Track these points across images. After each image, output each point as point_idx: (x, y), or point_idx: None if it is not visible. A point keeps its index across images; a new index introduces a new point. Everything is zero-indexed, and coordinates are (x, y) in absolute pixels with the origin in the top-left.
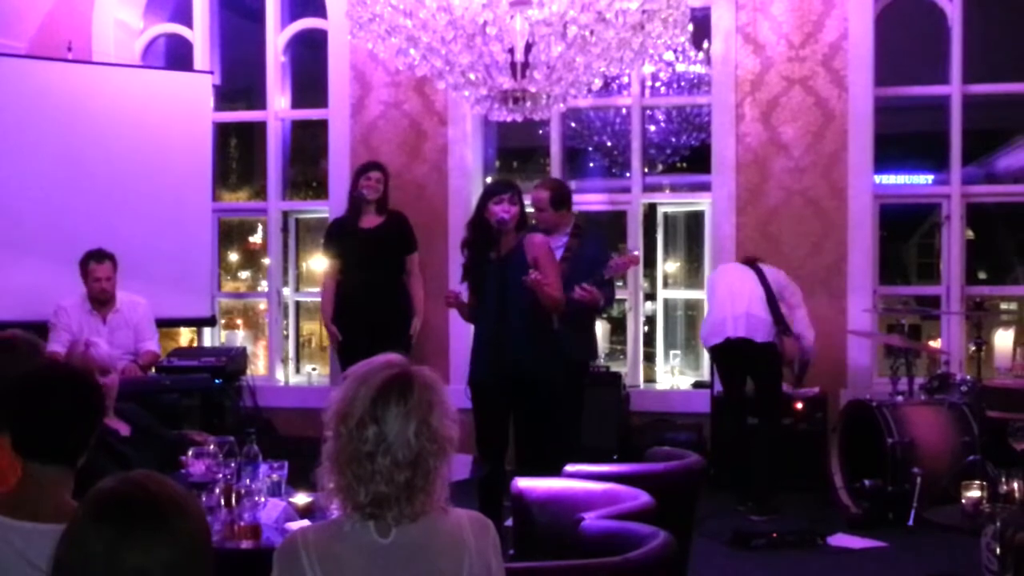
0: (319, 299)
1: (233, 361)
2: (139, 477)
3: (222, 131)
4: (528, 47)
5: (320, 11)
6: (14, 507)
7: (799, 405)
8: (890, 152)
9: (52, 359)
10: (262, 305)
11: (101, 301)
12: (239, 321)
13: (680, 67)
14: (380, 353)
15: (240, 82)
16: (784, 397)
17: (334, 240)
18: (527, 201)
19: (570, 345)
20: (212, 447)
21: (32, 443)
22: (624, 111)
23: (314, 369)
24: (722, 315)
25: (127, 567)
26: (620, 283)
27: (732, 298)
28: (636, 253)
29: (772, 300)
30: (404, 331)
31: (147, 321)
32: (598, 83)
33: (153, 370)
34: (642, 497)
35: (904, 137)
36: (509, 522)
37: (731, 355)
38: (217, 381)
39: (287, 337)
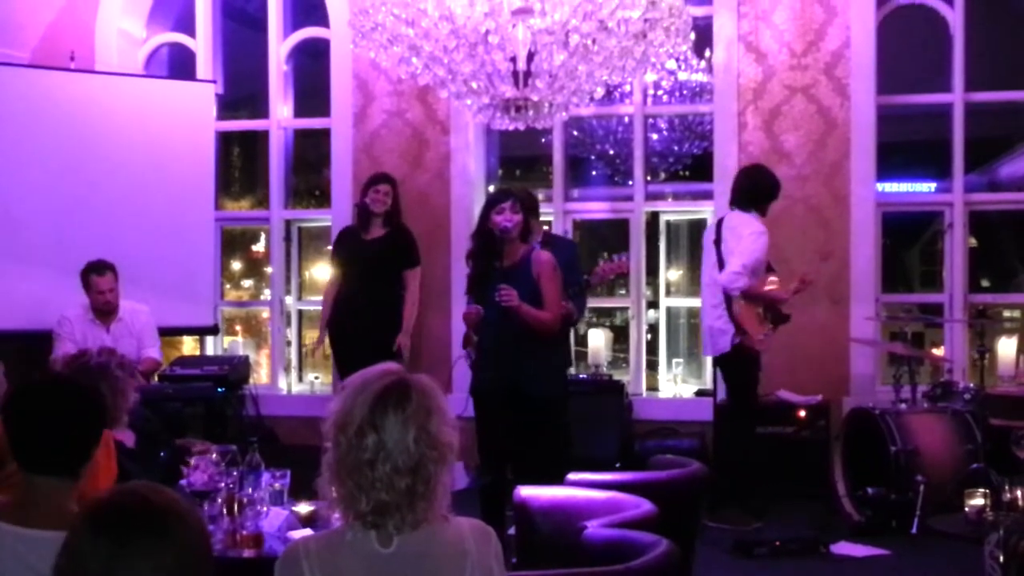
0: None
1: (236, 370)
2: (137, 487)
3: (225, 140)
4: (530, 56)
5: (322, 20)
6: (17, 514)
7: (802, 413)
8: (892, 160)
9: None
10: (265, 314)
11: (104, 312)
12: (238, 327)
13: (682, 75)
14: (371, 363)
15: (243, 91)
16: (785, 405)
17: (339, 248)
18: None
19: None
20: (215, 456)
21: (29, 455)
22: (626, 119)
23: (317, 378)
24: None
25: None
26: (623, 291)
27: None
28: (624, 259)
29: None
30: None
31: (149, 329)
32: (600, 92)
33: (155, 379)
34: (645, 505)
35: (906, 145)
36: (512, 531)
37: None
38: (220, 390)
39: (290, 345)
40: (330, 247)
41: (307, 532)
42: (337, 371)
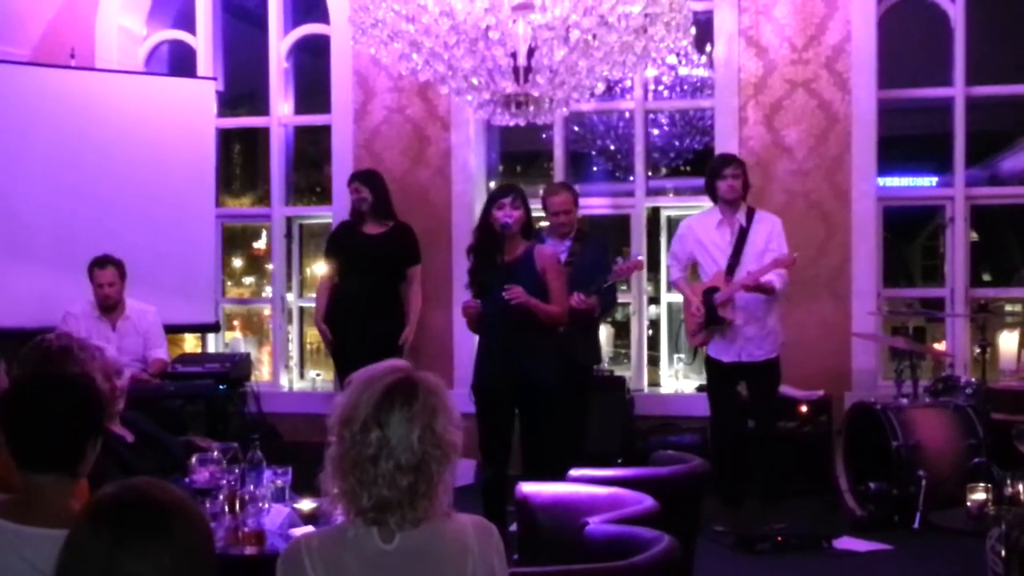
0: None
1: (237, 367)
2: (140, 483)
3: (225, 137)
4: (531, 51)
5: (323, 17)
6: (18, 512)
7: (803, 408)
8: (894, 154)
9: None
10: (266, 311)
11: (107, 307)
12: (235, 322)
13: (683, 70)
14: (373, 358)
15: (243, 88)
16: (786, 400)
17: (336, 244)
18: (536, 205)
19: (576, 349)
20: (216, 453)
21: (26, 453)
22: (627, 115)
23: (318, 375)
24: None
25: (126, 572)
26: (624, 287)
27: None
28: (640, 258)
29: None
30: (396, 339)
31: (156, 329)
32: (601, 87)
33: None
34: (646, 501)
35: (908, 139)
36: (513, 527)
37: None
38: (221, 387)
39: (291, 339)
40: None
41: (309, 529)
42: (336, 367)
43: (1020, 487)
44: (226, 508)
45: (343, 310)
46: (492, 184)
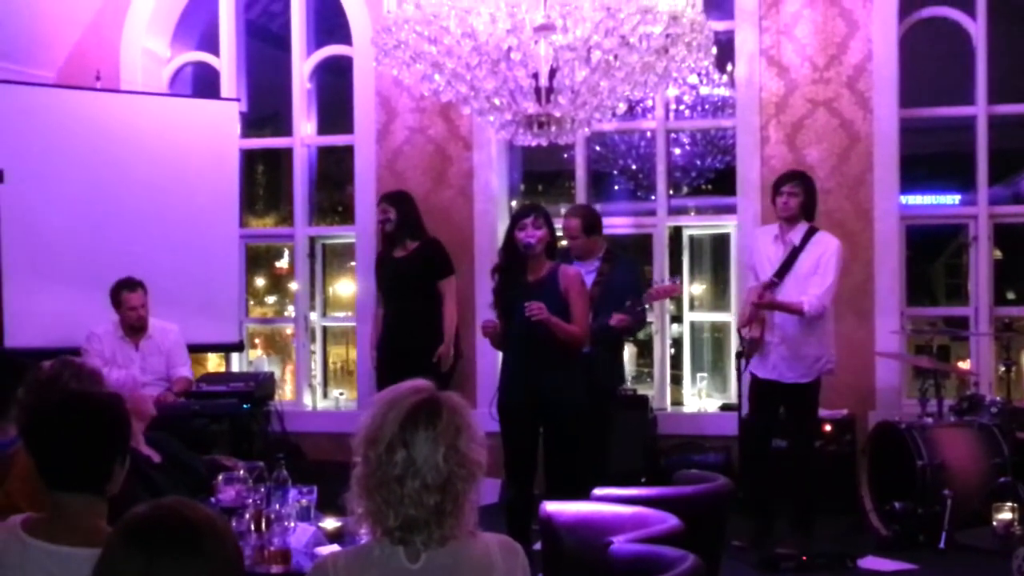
0: (346, 324)
1: (261, 386)
2: (171, 503)
3: (249, 158)
4: (552, 72)
5: (345, 38)
6: (49, 531)
7: (828, 427)
8: (916, 173)
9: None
10: (289, 330)
11: (135, 328)
12: (258, 342)
13: (704, 90)
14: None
15: (266, 109)
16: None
17: (376, 271)
18: (557, 226)
19: (599, 370)
20: (242, 472)
21: (52, 473)
22: (649, 134)
23: (342, 394)
24: None
25: None
26: (648, 306)
27: None
28: (676, 283)
29: None
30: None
31: (179, 347)
32: (622, 107)
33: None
34: (671, 520)
35: (930, 158)
36: (538, 546)
37: None
38: (245, 406)
39: (314, 355)
40: (354, 263)
41: (334, 548)
42: (379, 389)
43: None
44: (252, 527)
45: (386, 336)
46: (514, 204)
